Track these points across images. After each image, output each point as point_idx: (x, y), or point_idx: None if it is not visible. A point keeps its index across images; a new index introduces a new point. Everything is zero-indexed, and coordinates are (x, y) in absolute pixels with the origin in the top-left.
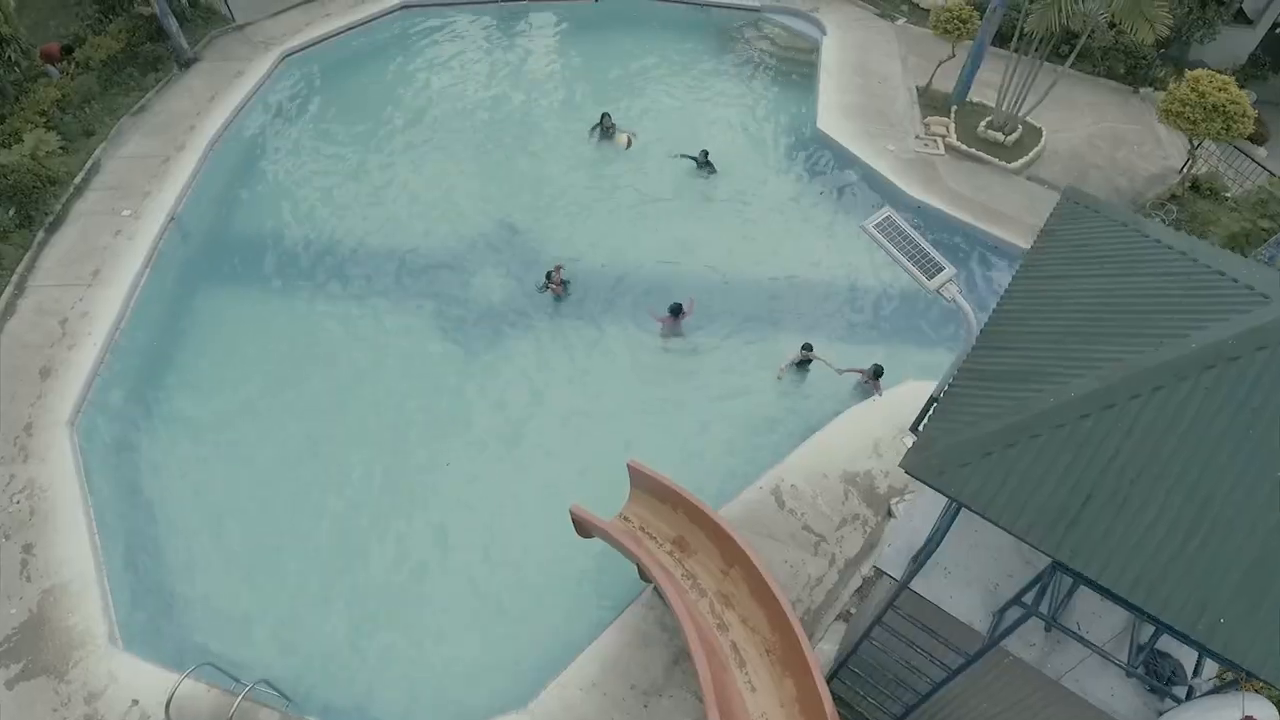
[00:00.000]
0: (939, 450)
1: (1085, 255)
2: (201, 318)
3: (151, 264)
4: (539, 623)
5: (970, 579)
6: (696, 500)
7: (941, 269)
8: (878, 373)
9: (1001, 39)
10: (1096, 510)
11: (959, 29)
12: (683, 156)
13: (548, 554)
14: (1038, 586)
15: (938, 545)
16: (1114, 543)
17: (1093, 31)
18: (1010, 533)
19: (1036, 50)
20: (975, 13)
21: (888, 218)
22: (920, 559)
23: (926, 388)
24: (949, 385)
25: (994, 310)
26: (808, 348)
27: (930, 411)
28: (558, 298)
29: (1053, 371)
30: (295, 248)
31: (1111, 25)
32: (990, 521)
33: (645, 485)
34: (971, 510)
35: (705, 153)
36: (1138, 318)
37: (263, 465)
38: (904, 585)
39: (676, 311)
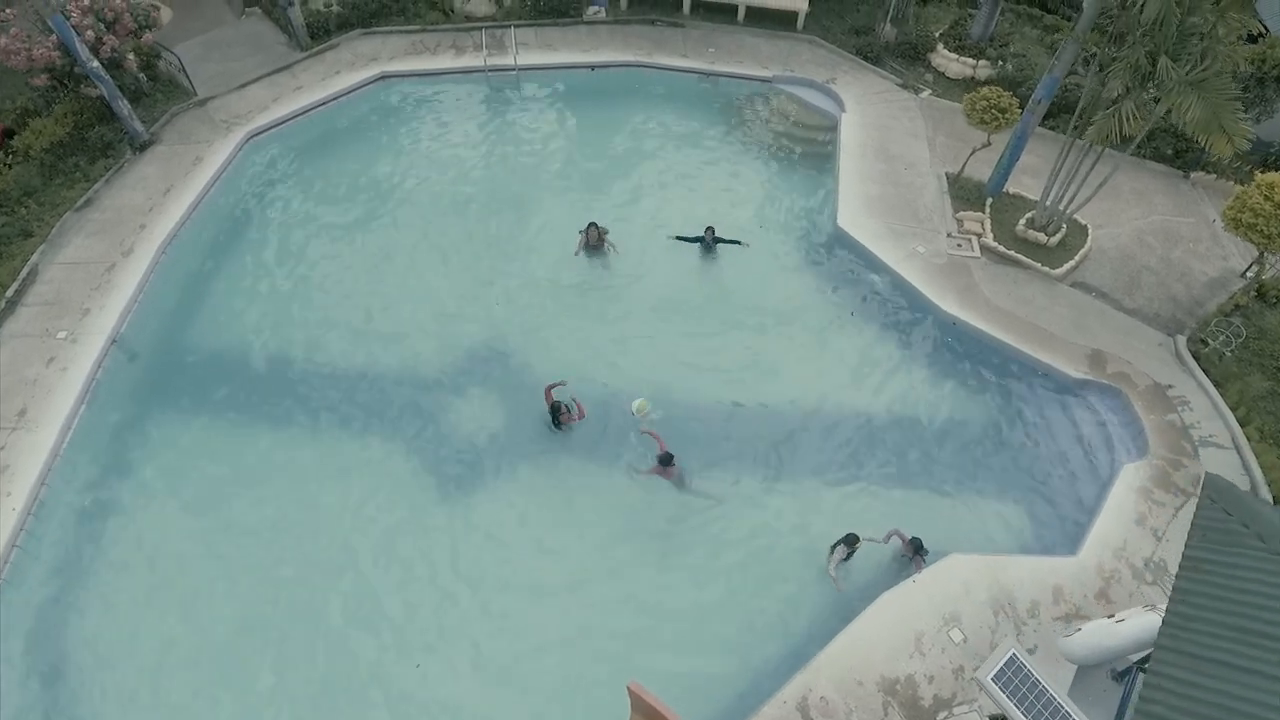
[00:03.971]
0: None
1: (1263, 630)
2: (142, 467)
3: (87, 400)
4: None
5: None
6: None
7: None
8: (918, 547)
9: (1047, 114)
10: None
11: (998, 119)
12: (680, 239)
13: None
14: None
15: None
16: None
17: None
18: None
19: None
20: (1014, 100)
21: (1011, 660)
22: None
23: (974, 564)
24: None
25: (1140, 701)
26: (852, 540)
27: None
28: (560, 427)
29: None
30: (256, 374)
31: (1156, 100)
32: None
33: (648, 713)
34: None
35: (711, 229)
36: None
37: (203, 677)
38: None
39: (667, 461)
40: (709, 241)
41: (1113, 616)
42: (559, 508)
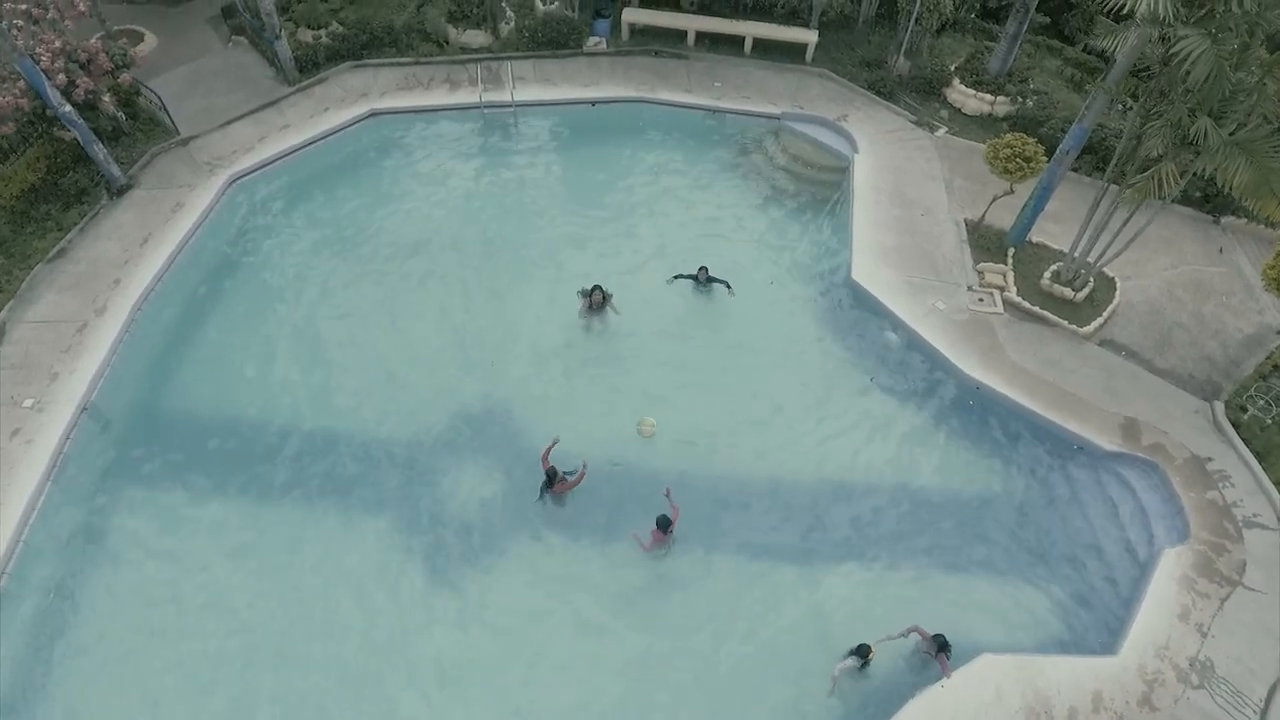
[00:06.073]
0: None
1: None
2: (113, 549)
3: (54, 475)
4: None
5: None
6: None
7: None
8: (942, 644)
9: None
10: None
11: (1022, 169)
12: (678, 277)
13: None
14: None
15: None
16: None
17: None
18: None
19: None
20: (1039, 148)
21: None
22: None
23: (1006, 665)
24: None
25: None
26: (864, 651)
27: None
28: (557, 499)
29: None
30: (236, 444)
31: (1190, 143)
32: None
33: None
34: None
35: (704, 269)
36: None
37: None
38: None
39: (666, 525)
40: (702, 280)
41: None
42: (546, 596)
